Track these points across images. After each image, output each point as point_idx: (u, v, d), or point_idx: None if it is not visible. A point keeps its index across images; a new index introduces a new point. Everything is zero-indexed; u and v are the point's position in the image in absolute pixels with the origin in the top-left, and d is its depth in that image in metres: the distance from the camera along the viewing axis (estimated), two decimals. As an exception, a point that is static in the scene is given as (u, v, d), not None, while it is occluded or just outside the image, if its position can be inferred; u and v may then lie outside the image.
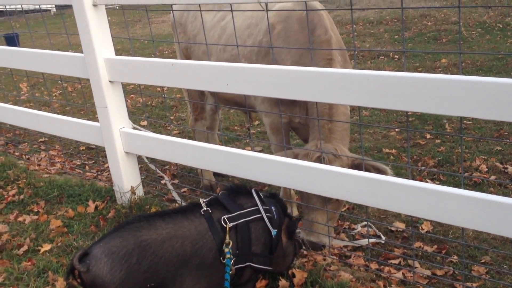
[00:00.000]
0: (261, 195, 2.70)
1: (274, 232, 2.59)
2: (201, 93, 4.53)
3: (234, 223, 2.48)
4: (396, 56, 8.96)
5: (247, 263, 2.54)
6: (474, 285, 2.91)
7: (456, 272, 3.05)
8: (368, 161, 2.98)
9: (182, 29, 4.45)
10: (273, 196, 2.79)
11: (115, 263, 2.19)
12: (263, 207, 2.61)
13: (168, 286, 2.30)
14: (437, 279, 2.99)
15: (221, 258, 2.41)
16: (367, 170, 2.85)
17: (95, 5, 3.52)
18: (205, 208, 2.50)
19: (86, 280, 2.19)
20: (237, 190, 2.69)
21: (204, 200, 2.58)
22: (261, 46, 3.53)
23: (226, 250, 2.40)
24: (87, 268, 2.17)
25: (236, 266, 2.48)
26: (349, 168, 3.00)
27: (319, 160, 3.04)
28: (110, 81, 3.68)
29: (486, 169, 4.35)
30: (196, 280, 2.37)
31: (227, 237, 2.43)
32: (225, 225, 2.45)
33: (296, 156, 3.15)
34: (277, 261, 2.69)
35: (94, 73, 3.66)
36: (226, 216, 2.49)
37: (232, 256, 2.42)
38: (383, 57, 9.03)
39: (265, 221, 2.58)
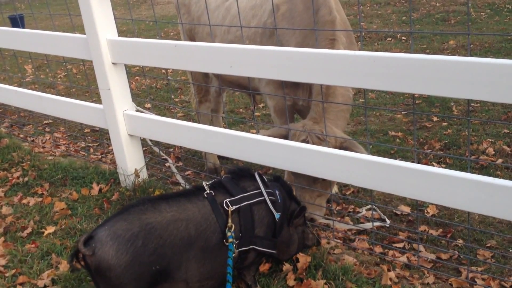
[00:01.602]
0: (264, 178, 2.67)
1: (277, 215, 2.57)
2: (205, 75, 4.49)
3: (237, 206, 2.47)
4: (403, 38, 8.86)
5: (251, 246, 2.53)
6: (479, 269, 2.89)
7: (461, 256, 3.03)
8: (352, 145, 3.00)
9: (186, 10, 4.40)
10: (277, 179, 2.76)
11: (120, 246, 2.18)
12: (267, 190, 2.59)
13: (173, 269, 2.30)
14: (442, 263, 2.97)
15: (224, 241, 2.40)
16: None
17: (97, -14, 3.47)
18: (208, 191, 2.49)
19: (91, 264, 2.19)
20: (240, 173, 2.67)
21: (207, 183, 2.57)
22: (265, 27, 3.48)
23: (229, 234, 2.39)
24: (92, 252, 2.17)
25: (239, 249, 2.48)
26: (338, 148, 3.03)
27: (305, 142, 3.06)
28: (113, 63, 3.64)
29: (493, 152, 4.30)
30: (201, 263, 2.37)
31: (230, 220, 2.42)
32: (227, 209, 2.44)
33: (288, 132, 3.18)
34: (281, 246, 2.68)
35: (96, 54, 3.63)
36: (229, 199, 2.48)
37: (234, 240, 2.41)
38: (390, 39, 8.93)
39: (268, 204, 2.56)
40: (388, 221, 3.41)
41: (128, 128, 3.81)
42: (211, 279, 2.44)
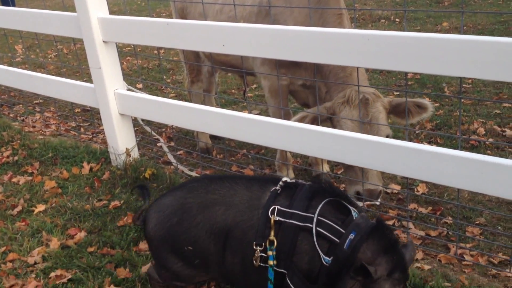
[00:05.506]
0: (353, 210, 2.15)
1: (326, 259, 2.04)
2: (197, 55, 4.45)
3: (282, 219, 2.10)
4: (397, 20, 8.83)
5: (283, 270, 2.12)
6: (468, 245, 2.92)
7: (450, 233, 3.06)
8: (409, 100, 2.94)
9: (177, -11, 4.34)
10: (379, 222, 2.11)
11: (159, 221, 2.28)
12: (338, 227, 2.06)
13: (206, 252, 2.23)
14: (431, 239, 3.00)
15: (253, 243, 2.11)
16: (409, 109, 2.90)
17: (87, -38, 3.42)
18: (277, 187, 2.19)
19: (144, 229, 2.39)
20: (325, 191, 2.19)
21: (289, 180, 2.25)
22: (261, 6, 3.44)
23: (270, 253, 2.07)
24: (142, 222, 2.38)
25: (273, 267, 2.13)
26: (389, 109, 3.06)
27: (365, 100, 3.01)
28: (104, 41, 3.62)
29: (484, 132, 4.32)
30: (234, 254, 2.20)
31: (272, 233, 2.09)
32: (270, 216, 2.10)
33: (327, 110, 3.09)
34: None
35: (87, 33, 3.59)
36: (279, 207, 2.12)
37: (274, 262, 2.08)
38: (384, 20, 8.90)
39: (313, 238, 2.06)
40: (378, 199, 3.43)
41: (119, 107, 3.79)
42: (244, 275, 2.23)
